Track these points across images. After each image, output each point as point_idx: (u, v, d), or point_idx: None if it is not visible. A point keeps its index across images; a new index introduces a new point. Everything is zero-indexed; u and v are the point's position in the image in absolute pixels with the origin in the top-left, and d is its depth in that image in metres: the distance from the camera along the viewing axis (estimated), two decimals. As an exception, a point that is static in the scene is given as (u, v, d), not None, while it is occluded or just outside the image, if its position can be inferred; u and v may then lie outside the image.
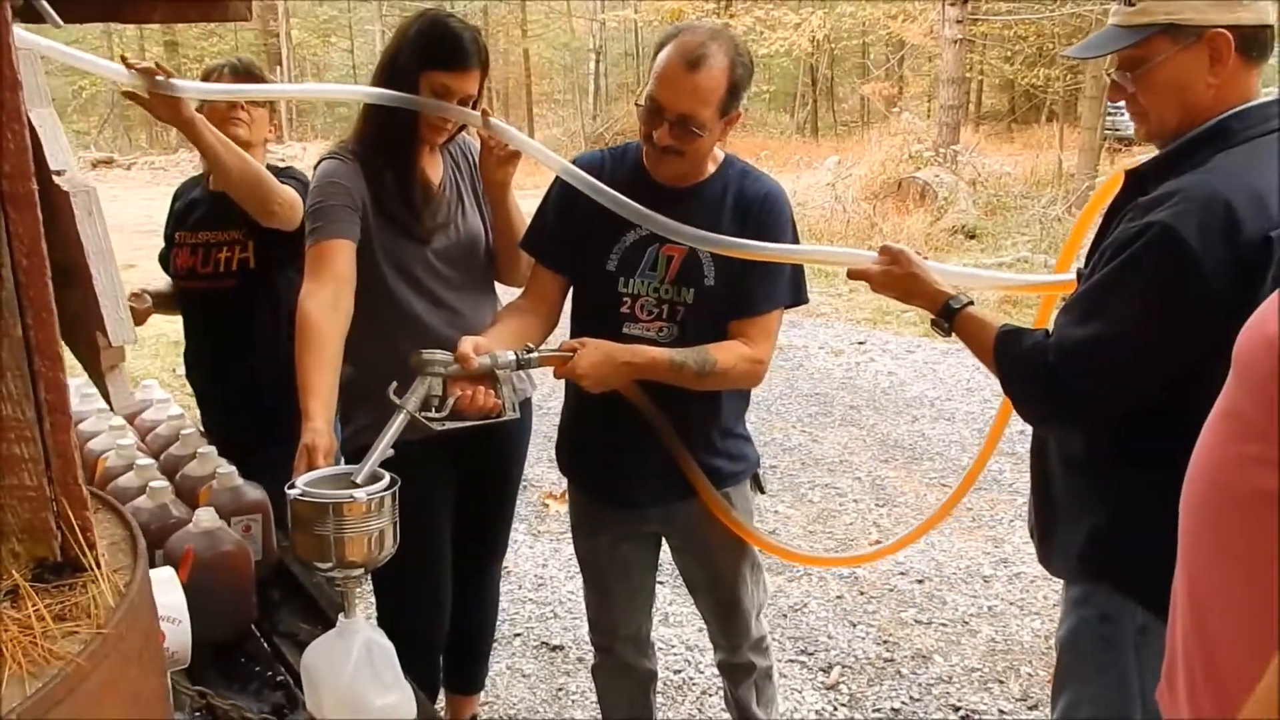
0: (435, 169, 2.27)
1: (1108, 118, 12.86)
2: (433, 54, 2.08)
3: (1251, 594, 0.87)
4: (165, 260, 2.80)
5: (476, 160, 2.33)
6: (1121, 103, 1.61)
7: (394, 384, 1.72)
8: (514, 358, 1.81)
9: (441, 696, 2.66)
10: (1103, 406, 1.53)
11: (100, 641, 0.75)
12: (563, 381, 2.05)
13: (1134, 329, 1.45)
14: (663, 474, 2.06)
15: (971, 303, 1.74)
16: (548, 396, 4.50)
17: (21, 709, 0.67)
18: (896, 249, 1.85)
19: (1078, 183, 12.04)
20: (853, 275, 1.92)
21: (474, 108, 2.13)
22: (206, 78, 2.59)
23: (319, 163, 2.21)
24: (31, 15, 0.88)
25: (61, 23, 0.84)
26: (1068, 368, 1.50)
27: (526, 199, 2.25)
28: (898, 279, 1.83)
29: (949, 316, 1.74)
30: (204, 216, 2.63)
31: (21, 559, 0.80)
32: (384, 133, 2.17)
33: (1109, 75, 1.63)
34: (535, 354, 1.84)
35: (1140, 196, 1.52)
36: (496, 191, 2.22)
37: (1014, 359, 1.60)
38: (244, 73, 2.59)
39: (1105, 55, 1.60)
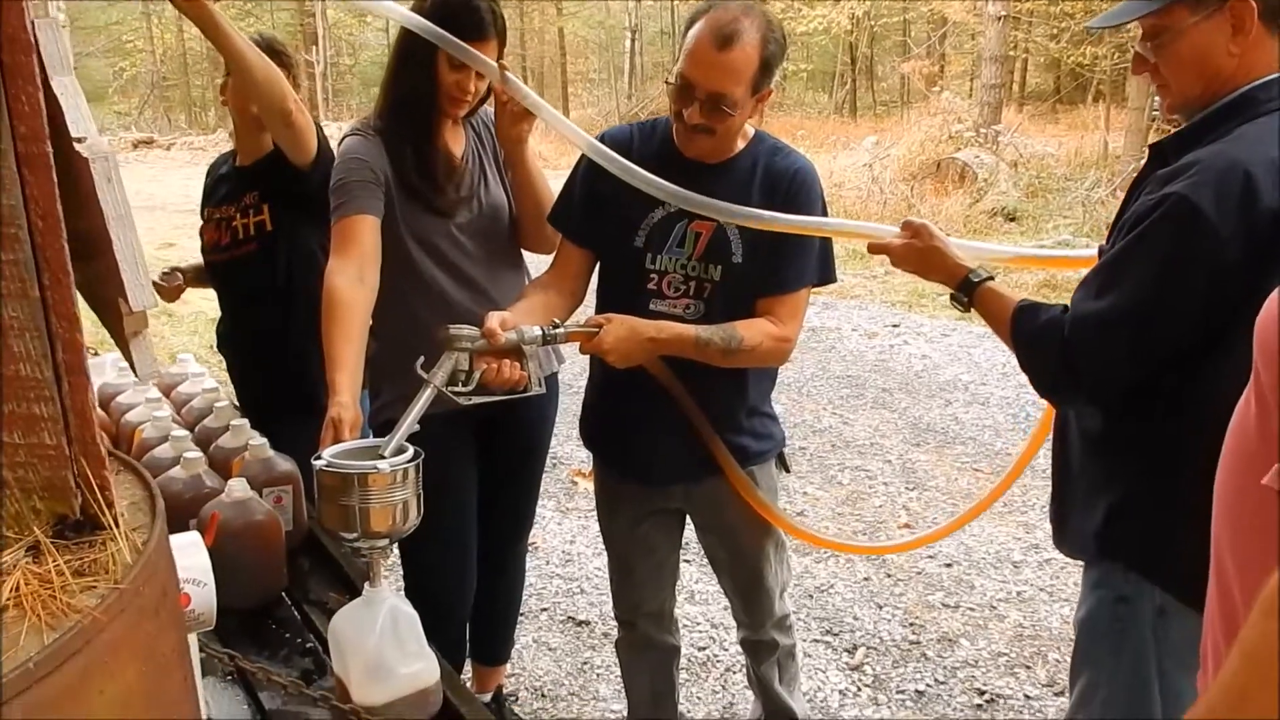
0: (458, 142, 2.28)
1: (1156, 97, 12.61)
2: (449, 26, 2.07)
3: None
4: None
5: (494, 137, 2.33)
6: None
7: (421, 359, 1.73)
8: (540, 333, 1.82)
9: (468, 667, 2.69)
10: (1115, 380, 1.51)
11: (117, 596, 0.77)
12: (590, 358, 2.06)
13: (1149, 301, 1.43)
14: (687, 451, 2.06)
15: (992, 277, 1.72)
16: (578, 375, 4.51)
17: (39, 658, 0.69)
18: (919, 223, 1.83)
19: (1123, 164, 11.84)
20: (873, 250, 1.91)
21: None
22: None
23: (342, 139, 2.22)
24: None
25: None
26: (1081, 341, 1.48)
27: (557, 177, 2.25)
28: (918, 253, 1.81)
29: (969, 291, 1.72)
30: (228, 192, 2.66)
31: (42, 516, 0.82)
32: (404, 107, 2.18)
33: (1134, 47, 1.60)
34: (561, 329, 1.85)
35: (1161, 169, 1.50)
36: (512, 149, 2.21)
37: (1030, 332, 1.59)
38: (267, 49, 2.61)
39: (1125, 24, 1.58)
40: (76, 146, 0.82)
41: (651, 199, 1.96)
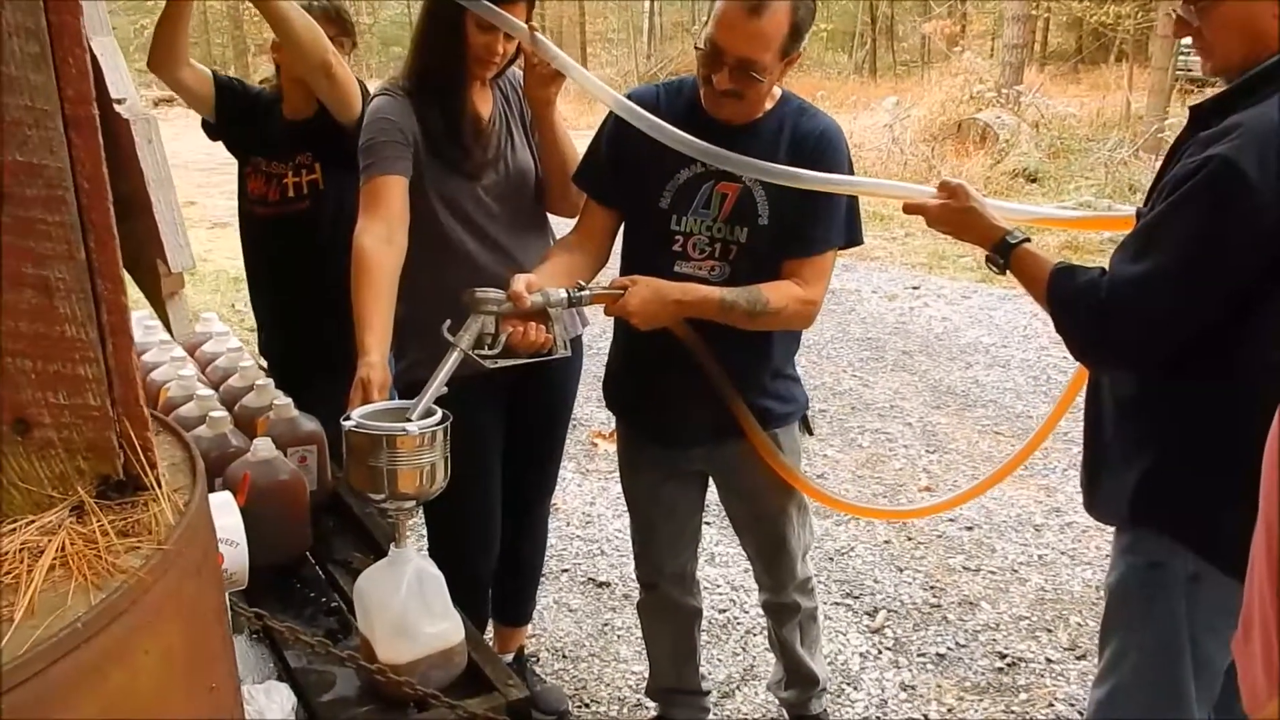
0: (486, 104, 2.27)
1: (1180, 57, 12.41)
2: None
3: None
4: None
5: (521, 99, 2.32)
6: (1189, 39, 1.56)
7: (448, 322, 1.73)
8: (566, 295, 1.82)
9: (490, 628, 2.71)
10: (1153, 343, 1.50)
11: (160, 557, 0.77)
12: (613, 320, 2.05)
13: (1190, 263, 1.42)
14: (710, 413, 2.06)
15: (1029, 239, 1.71)
16: (598, 336, 4.52)
17: (86, 618, 0.70)
18: (955, 183, 1.81)
19: (1146, 125, 11.68)
20: (908, 209, 1.89)
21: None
22: None
23: (371, 98, 2.22)
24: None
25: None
26: (1120, 304, 1.48)
27: (579, 137, 2.23)
28: (954, 213, 1.79)
29: (1005, 252, 1.70)
30: (279, 146, 2.66)
31: (86, 476, 0.83)
32: (433, 68, 2.17)
33: (1174, 11, 1.58)
34: (587, 292, 1.85)
35: (1202, 132, 1.48)
36: (540, 111, 2.20)
37: (1067, 294, 1.57)
38: (335, 15, 2.61)
39: None
40: (116, 108, 0.82)
41: (677, 160, 1.95)
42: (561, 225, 2.31)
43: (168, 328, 1.03)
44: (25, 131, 0.73)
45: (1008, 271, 1.72)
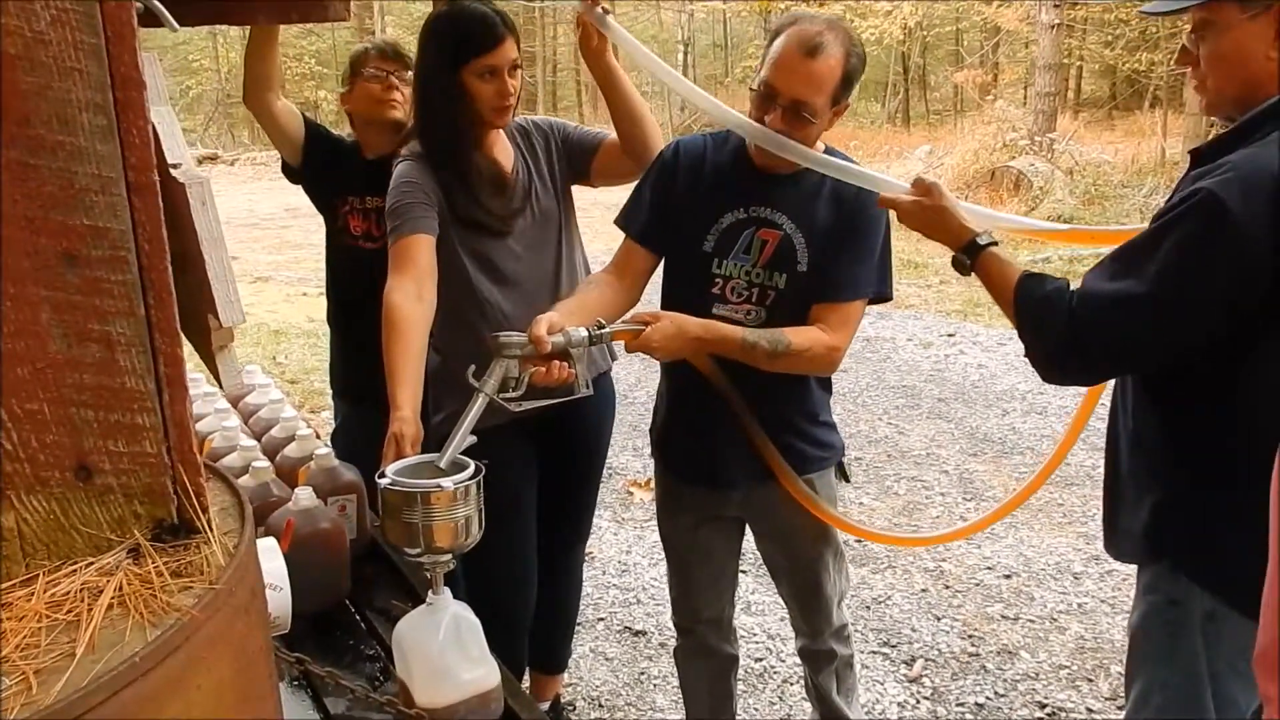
0: (506, 155, 2.32)
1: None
2: (463, 45, 2.11)
3: None
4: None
5: (541, 134, 2.37)
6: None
7: (472, 367, 1.77)
8: (586, 334, 1.84)
9: (527, 675, 2.72)
10: (1118, 363, 1.52)
11: (212, 596, 0.82)
12: (648, 370, 2.08)
13: (1169, 289, 1.43)
14: (745, 457, 2.09)
15: (997, 243, 1.72)
16: (633, 386, 4.56)
17: (144, 653, 0.74)
18: (929, 182, 1.83)
19: (1180, 170, 11.61)
20: (882, 203, 1.92)
21: (516, 69, 2.19)
22: (355, 60, 2.72)
23: (395, 164, 2.27)
24: (148, 19, 0.95)
25: (178, 26, 0.91)
26: (1090, 320, 1.49)
27: (619, 191, 2.26)
28: (926, 210, 1.80)
29: (973, 253, 1.72)
30: (371, 183, 2.68)
31: (142, 520, 0.87)
32: (435, 136, 2.23)
33: (1184, 41, 1.61)
34: (607, 329, 1.87)
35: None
36: (596, 62, 2.20)
37: (1034, 302, 1.58)
38: (392, 54, 2.69)
39: (1175, 12, 1.58)
40: (172, 172, 0.87)
41: (721, 204, 2.01)
42: (596, 263, 2.33)
43: (217, 380, 1.07)
44: (92, 197, 0.79)
45: (972, 274, 1.73)
